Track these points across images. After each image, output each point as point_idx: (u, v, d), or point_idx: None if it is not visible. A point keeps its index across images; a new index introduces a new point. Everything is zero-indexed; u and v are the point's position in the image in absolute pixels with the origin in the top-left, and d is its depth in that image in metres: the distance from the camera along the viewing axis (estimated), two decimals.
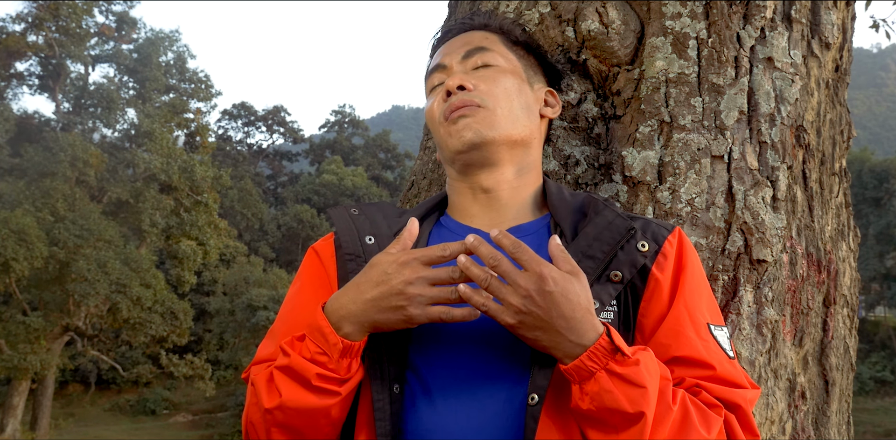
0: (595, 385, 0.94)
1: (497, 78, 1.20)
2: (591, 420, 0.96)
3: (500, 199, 1.19)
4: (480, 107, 1.16)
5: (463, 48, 1.24)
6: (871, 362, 29.71)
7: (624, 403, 0.93)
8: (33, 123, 26.27)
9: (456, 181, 1.23)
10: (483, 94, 1.17)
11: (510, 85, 1.20)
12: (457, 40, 1.28)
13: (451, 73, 1.23)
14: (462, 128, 1.15)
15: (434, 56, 1.30)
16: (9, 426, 20.20)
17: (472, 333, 1.07)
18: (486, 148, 1.16)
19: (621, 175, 1.51)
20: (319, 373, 1.01)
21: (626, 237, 1.10)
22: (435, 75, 1.26)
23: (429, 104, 1.25)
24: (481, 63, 1.22)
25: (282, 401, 1.03)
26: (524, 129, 1.20)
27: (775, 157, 1.54)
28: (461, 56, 1.23)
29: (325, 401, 1.02)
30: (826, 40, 1.67)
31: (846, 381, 1.70)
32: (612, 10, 1.57)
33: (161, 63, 27.31)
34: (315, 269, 1.22)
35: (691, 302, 1.10)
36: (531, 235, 1.16)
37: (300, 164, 51.08)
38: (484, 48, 1.23)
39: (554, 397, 1.02)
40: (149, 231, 22.92)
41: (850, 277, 1.73)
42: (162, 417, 27.67)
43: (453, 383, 1.05)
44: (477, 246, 0.97)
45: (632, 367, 0.94)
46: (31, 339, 19.55)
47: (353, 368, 1.03)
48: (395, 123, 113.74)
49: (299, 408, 1.03)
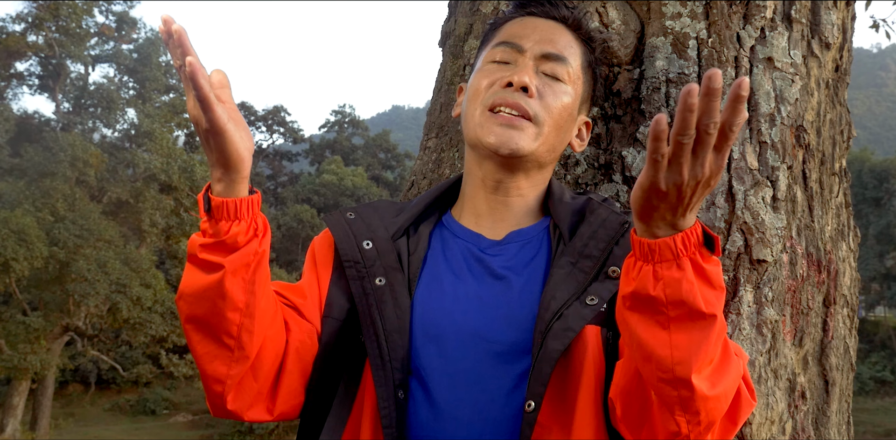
0: (677, 271, 0.86)
1: (560, 97, 1.16)
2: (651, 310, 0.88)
3: (507, 203, 1.19)
4: (532, 122, 1.13)
5: (546, 45, 1.17)
6: (871, 362, 29.69)
7: (699, 300, 0.86)
8: (33, 123, 26.27)
9: (473, 166, 1.20)
10: (539, 106, 1.14)
11: (566, 109, 1.17)
12: (542, 26, 1.20)
13: (523, 62, 1.16)
14: (500, 134, 1.12)
15: (509, 24, 1.22)
16: (9, 426, 20.19)
17: (473, 339, 1.07)
18: (514, 159, 1.14)
19: (621, 175, 1.51)
20: (202, 243, 0.98)
21: (620, 232, 1.10)
22: (505, 50, 1.18)
23: (482, 76, 1.18)
24: (553, 74, 1.17)
25: (180, 287, 1.01)
26: (555, 154, 1.19)
27: (775, 157, 1.54)
28: (541, 53, 1.17)
29: (212, 277, 0.98)
30: (826, 40, 1.67)
31: (846, 381, 1.70)
32: (612, 10, 1.57)
33: (161, 63, 27.27)
34: (309, 259, 1.22)
35: None
36: (532, 238, 1.16)
37: (300, 164, 51.04)
38: (565, 60, 1.18)
39: (550, 404, 1.02)
40: (149, 231, 22.91)
41: (850, 277, 1.73)
42: (162, 417, 27.65)
43: (455, 389, 1.05)
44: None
45: (716, 267, 0.88)
46: (31, 339, 19.53)
47: (237, 233, 0.97)
48: (395, 123, 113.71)
49: (193, 292, 0.99)
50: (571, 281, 1.06)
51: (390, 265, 1.13)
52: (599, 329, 1.05)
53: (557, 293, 1.05)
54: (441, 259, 1.17)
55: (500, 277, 1.12)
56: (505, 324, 1.07)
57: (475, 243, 1.17)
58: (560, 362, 1.03)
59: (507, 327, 1.07)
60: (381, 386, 1.04)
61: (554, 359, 1.00)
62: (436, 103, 1.83)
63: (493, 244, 1.16)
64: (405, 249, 1.16)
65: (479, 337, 1.07)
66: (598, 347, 1.05)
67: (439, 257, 1.17)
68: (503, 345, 1.06)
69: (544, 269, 1.12)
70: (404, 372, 1.06)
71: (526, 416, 0.98)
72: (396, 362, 1.06)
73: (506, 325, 1.07)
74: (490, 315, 1.08)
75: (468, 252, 1.16)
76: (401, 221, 1.19)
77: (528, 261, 1.14)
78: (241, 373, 1.04)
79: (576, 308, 1.03)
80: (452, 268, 1.15)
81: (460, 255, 1.16)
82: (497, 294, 1.10)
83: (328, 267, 1.18)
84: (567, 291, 1.05)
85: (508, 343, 1.06)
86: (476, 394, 1.04)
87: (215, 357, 1.02)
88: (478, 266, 1.14)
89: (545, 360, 1.00)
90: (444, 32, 1.90)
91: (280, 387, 1.09)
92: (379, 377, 1.05)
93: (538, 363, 1.00)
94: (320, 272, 1.18)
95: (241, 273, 0.99)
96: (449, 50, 1.83)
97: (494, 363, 1.05)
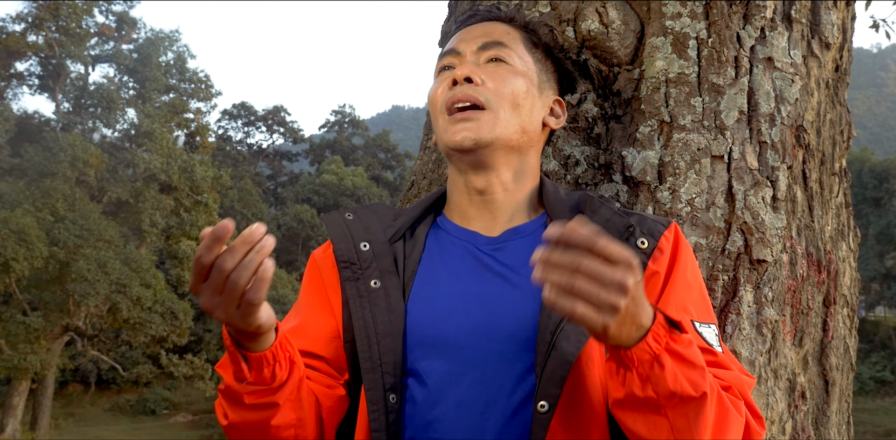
0: (659, 369, 0.86)
1: (507, 77, 1.17)
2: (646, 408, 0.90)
3: (495, 202, 1.18)
4: (483, 109, 1.13)
5: (481, 38, 1.20)
6: (871, 362, 29.69)
7: (687, 387, 0.87)
8: (33, 123, 26.27)
9: (455, 175, 1.21)
10: (489, 91, 1.14)
11: (518, 87, 1.17)
12: (478, 28, 1.24)
13: (463, 60, 1.20)
14: (460, 130, 1.13)
15: (452, 38, 1.27)
16: (9, 426, 20.19)
17: (473, 338, 1.07)
18: (481, 151, 1.14)
19: (621, 175, 1.51)
20: (249, 391, 0.99)
21: (624, 235, 1.09)
22: (447, 58, 1.22)
23: (434, 87, 1.22)
24: (495, 58, 1.18)
25: (229, 422, 1.03)
26: (522, 135, 1.17)
27: (775, 157, 1.54)
28: (477, 46, 1.20)
29: (266, 413, 1.01)
30: (826, 40, 1.67)
31: (846, 381, 1.70)
32: (612, 10, 1.57)
33: (161, 63, 27.30)
34: (313, 278, 1.21)
35: (679, 297, 1.09)
36: (528, 237, 1.16)
37: (300, 164, 51.06)
38: (502, 44, 1.20)
39: (564, 405, 1.01)
40: (149, 231, 22.91)
41: (850, 277, 1.73)
42: (162, 417, 27.65)
43: (456, 389, 1.05)
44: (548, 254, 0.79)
45: (689, 347, 0.88)
46: (31, 339, 19.54)
47: (280, 374, 1.00)
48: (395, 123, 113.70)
49: (246, 426, 1.03)
50: None
51: (386, 268, 1.13)
52: None
53: None
54: (437, 259, 1.16)
55: (499, 275, 1.11)
56: (505, 322, 1.07)
57: (472, 241, 1.16)
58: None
59: (507, 325, 1.07)
60: (371, 390, 1.05)
61: (570, 362, 1.00)
62: None
63: (489, 241, 1.16)
64: (401, 253, 1.16)
65: (480, 335, 1.07)
66: (601, 350, 1.05)
67: (436, 257, 1.17)
68: (504, 342, 1.06)
69: None
70: (396, 376, 1.06)
71: (538, 417, 0.98)
72: (387, 366, 1.05)
73: (506, 323, 1.07)
74: (490, 313, 1.08)
75: (465, 250, 1.15)
76: (398, 224, 1.19)
77: (527, 259, 1.13)
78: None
79: None
80: (449, 268, 1.14)
81: (457, 254, 1.16)
82: (496, 292, 1.10)
83: (337, 288, 1.18)
84: None
85: (510, 341, 1.05)
86: (478, 392, 1.04)
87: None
88: (476, 264, 1.13)
89: (559, 362, 1.00)
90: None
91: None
92: (369, 381, 1.05)
93: (550, 363, 1.00)
94: (331, 296, 1.18)
95: (293, 399, 1.03)
96: None
97: (496, 361, 1.05)
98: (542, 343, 1.02)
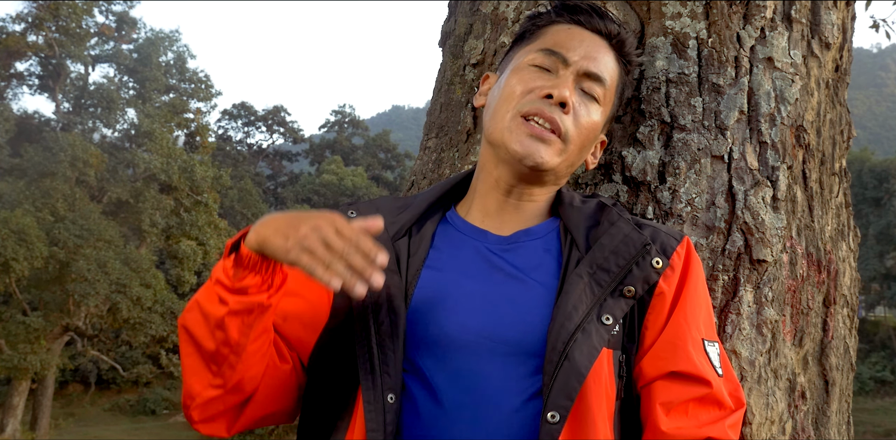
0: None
1: (593, 118, 1.17)
2: None
3: (518, 207, 1.19)
4: (560, 138, 1.13)
5: (590, 64, 1.17)
6: (871, 362, 29.70)
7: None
8: (33, 123, 26.26)
9: (490, 167, 1.19)
10: (574, 126, 1.14)
11: (595, 131, 1.19)
12: (590, 40, 1.19)
13: (564, 75, 1.16)
14: (530, 145, 1.12)
15: (557, 26, 1.21)
16: (9, 426, 20.19)
17: (478, 339, 1.06)
18: (535, 171, 1.15)
19: (621, 175, 1.51)
20: (218, 277, 1.04)
21: (641, 253, 1.10)
22: (549, 57, 1.17)
23: (516, 76, 1.17)
24: (590, 92, 1.17)
25: (196, 298, 1.07)
26: (569, 168, 1.20)
27: (775, 157, 1.54)
28: (584, 71, 1.16)
29: (218, 308, 1.03)
30: (826, 40, 1.67)
31: (846, 381, 1.70)
32: (612, 10, 1.57)
33: (161, 63, 27.29)
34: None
35: (690, 315, 1.10)
36: (540, 239, 1.16)
37: (300, 164, 51.03)
38: (604, 82, 1.18)
39: (573, 417, 1.01)
40: (149, 231, 22.92)
41: (850, 277, 1.73)
42: (162, 417, 27.65)
43: (458, 389, 1.04)
44: None
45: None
46: (31, 339, 19.54)
47: (244, 280, 1.03)
48: (395, 123, 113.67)
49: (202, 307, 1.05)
50: (589, 292, 1.06)
51: (388, 268, 1.12)
52: (612, 352, 1.06)
53: (579, 304, 1.05)
54: (445, 257, 1.15)
55: (509, 276, 1.11)
56: (512, 325, 1.07)
57: (482, 240, 1.16)
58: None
59: (514, 328, 1.06)
60: (369, 390, 1.04)
61: (583, 375, 1.00)
62: (436, 103, 1.82)
63: (499, 240, 1.15)
64: (405, 251, 1.15)
65: (484, 336, 1.06)
66: (610, 368, 1.06)
67: (443, 256, 1.16)
68: (509, 345, 1.05)
69: (555, 272, 1.11)
70: (396, 376, 1.05)
71: (548, 427, 0.98)
72: (387, 366, 1.05)
73: (513, 326, 1.06)
74: (496, 314, 1.07)
75: (474, 250, 1.15)
76: (402, 220, 1.18)
77: (537, 262, 1.13)
78: (212, 396, 1.08)
79: (595, 326, 1.04)
80: (457, 267, 1.14)
81: (466, 253, 1.15)
82: (504, 293, 1.09)
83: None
84: (586, 303, 1.05)
85: (515, 344, 1.05)
86: (480, 394, 1.03)
87: (195, 373, 1.08)
88: (485, 264, 1.13)
89: (572, 374, 1.00)
90: (444, 32, 1.90)
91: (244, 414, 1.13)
92: (367, 381, 1.04)
93: (562, 375, 1.00)
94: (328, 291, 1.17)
95: (241, 315, 1.04)
96: (449, 50, 1.83)
97: (500, 363, 1.04)
98: (552, 351, 1.02)
